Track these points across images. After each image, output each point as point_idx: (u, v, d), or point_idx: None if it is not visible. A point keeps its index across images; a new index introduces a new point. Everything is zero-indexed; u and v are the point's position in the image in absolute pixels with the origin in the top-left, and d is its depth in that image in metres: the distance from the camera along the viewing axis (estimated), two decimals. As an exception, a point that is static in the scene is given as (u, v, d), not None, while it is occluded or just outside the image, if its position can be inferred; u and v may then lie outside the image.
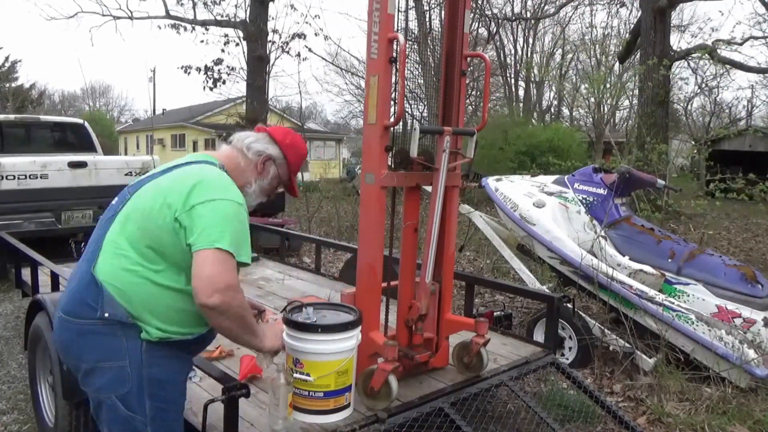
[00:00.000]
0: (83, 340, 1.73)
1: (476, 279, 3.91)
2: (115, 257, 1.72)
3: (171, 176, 1.81)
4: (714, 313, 3.67)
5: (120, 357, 1.70)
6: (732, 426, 3.12)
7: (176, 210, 1.68)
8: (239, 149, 1.96)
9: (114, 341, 1.71)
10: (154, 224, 1.70)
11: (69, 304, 1.77)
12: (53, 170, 5.87)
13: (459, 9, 2.58)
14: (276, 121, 21.54)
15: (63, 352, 1.82)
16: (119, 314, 1.70)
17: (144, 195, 1.78)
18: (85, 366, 1.74)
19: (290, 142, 2.02)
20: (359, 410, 2.32)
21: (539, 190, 4.71)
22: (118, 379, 1.71)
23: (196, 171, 1.81)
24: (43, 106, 35.56)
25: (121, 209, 1.79)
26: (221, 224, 1.66)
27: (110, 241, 1.75)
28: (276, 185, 2.04)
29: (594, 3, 23.29)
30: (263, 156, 1.96)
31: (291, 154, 2.02)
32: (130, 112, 50.10)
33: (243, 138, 1.98)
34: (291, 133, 2.08)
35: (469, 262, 7.79)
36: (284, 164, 2.01)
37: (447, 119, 2.64)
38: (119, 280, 1.70)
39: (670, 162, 8.00)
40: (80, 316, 1.73)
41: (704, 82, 21.52)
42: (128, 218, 1.75)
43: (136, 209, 1.75)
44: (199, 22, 15.54)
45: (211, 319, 1.68)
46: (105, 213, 1.86)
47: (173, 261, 1.72)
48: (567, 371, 3.02)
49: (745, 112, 28.03)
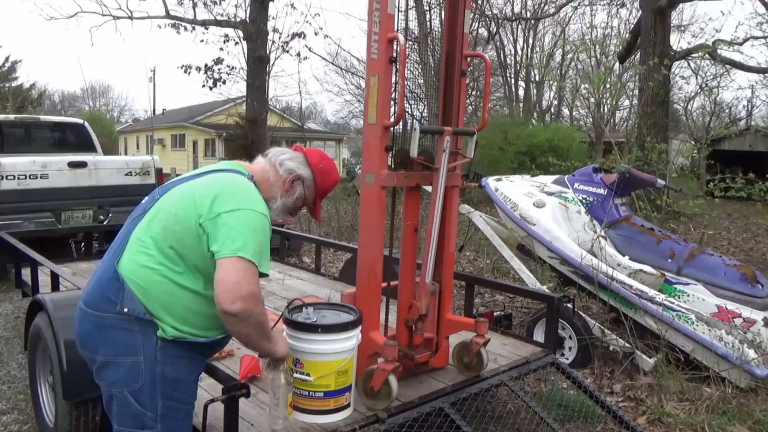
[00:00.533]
0: (101, 333, 1.76)
1: (476, 279, 3.91)
2: (139, 254, 1.76)
3: (200, 181, 1.86)
4: (714, 313, 3.67)
5: (135, 353, 1.73)
6: (732, 426, 3.12)
7: (201, 215, 1.72)
8: (272, 163, 2.00)
9: (130, 336, 1.73)
10: (179, 226, 1.74)
11: (90, 296, 1.81)
12: (53, 170, 5.87)
13: (459, 9, 2.58)
14: (276, 121, 21.54)
15: (81, 344, 1.85)
16: (137, 310, 1.73)
17: (172, 197, 1.83)
18: (101, 359, 1.77)
19: (323, 167, 2.06)
20: (359, 410, 2.32)
21: (539, 190, 4.71)
22: (131, 375, 1.73)
23: (224, 179, 1.85)
24: (43, 106, 35.58)
25: (149, 208, 1.84)
26: (245, 234, 1.69)
27: (136, 238, 1.79)
28: (300, 206, 2.07)
29: (594, 3, 23.30)
30: (293, 175, 2.00)
31: (321, 179, 2.05)
32: (130, 112, 50.19)
33: (279, 153, 2.03)
34: (327, 158, 2.10)
35: (469, 262, 7.79)
36: (312, 187, 2.04)
37: (447, 119, 2.64)
38: (140, 276, 1.74)
39: (670, 162, 7.99)
40: (100, 309, 1.76)
41: (704, 82, 21.51)
42: (155, 218, 1.79)
43: (163, 210, 1.80)
44: (199, 22, 15.54)
45: (231, 326, 1.70)
46: (134, 211, 1.91)
47: (193, 264, 1.76)
48: (567, 371, 3.02)
49: (745, 112, 28.04)
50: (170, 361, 1.76)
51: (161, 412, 1.76)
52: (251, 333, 1.74)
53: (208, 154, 27.42)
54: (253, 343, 1.83)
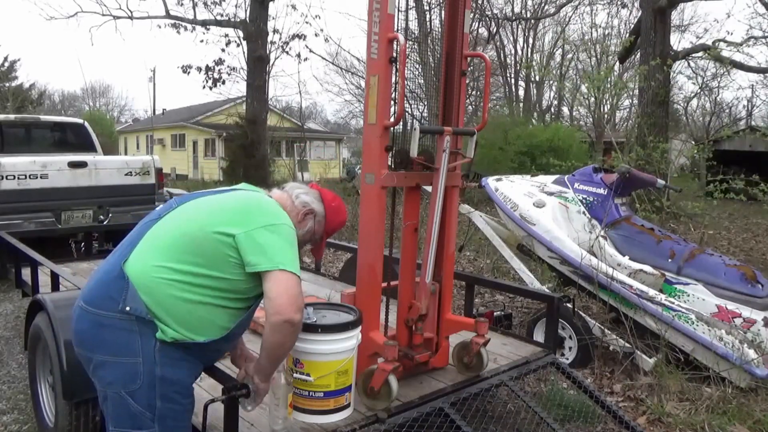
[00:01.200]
0: (99, 332, 1.76)
1: (476, 279, 3.91)
2: (150, 257, 1.77)
3: (228, 196, 1.93)
4: (714, 313, 3.67)
5: (133, 354, 1.73)
6: (732, 426, 3.12)
7: (235, 227, 1.77)
8: (289, 195, 2.08)
9: (129, 337, 1.73)
10: (201, 234, 1.77)
11: (91, 294, 1.81)
12: (53, 170, 5.87)
13: (459, 9, 2.58)
14: (276, 121, 21.52)
15: (78, 342, 1.84)
16: (139, 310, 1.73)
17: (195, 207, 1.88)
18: (98, 358, 1.77)
19: (335, 206, 2.16)
20: (359, 410, 2.32)
21: (539, 190, 4.71)
22: (129, 375, 1.73)
23: (254, 196, 1.95)
24: (43, 106, 35.57)
25: (164, 215, 1.87)
26: (290, 249, 1.81)
27: (148, 241, 1.81)
28: (308, 240, 2.12)
29: (594, 3, 23.31)
30: (307, 207, 2.07)
31: (332, 216, 2.14)
32: (130, 112, 50.19)
33: (295, 187, 2.12)
34: (338, 199, 2.21)
35: (469, 262, 7.79)
36: (322, 223, 2.12)
37: (447, 119, 2.64)
38: (147, 278, 1.75)
39: (670, 162, 7.99)
40: (101, 307, 1.76)
41: (704, 82, 21.51)
42: (172, 224, 1.83)
43: (184, 218, 1.84)
44: (199, 22, 15.56)
45: (283, 335, 1.77)
46: (146, 217, 1.94)
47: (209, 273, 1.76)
48: (567, 371, 3.02)
49: (745, 112, 28.04)
50: (169, 362, 1.76)
51: (160, 414, 1.75)
52: (290, 347, 1.87)
53: (208, 154, 27.41)
54: (279, 357, 1.88)
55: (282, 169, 19.77)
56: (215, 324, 1.80)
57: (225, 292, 1.80)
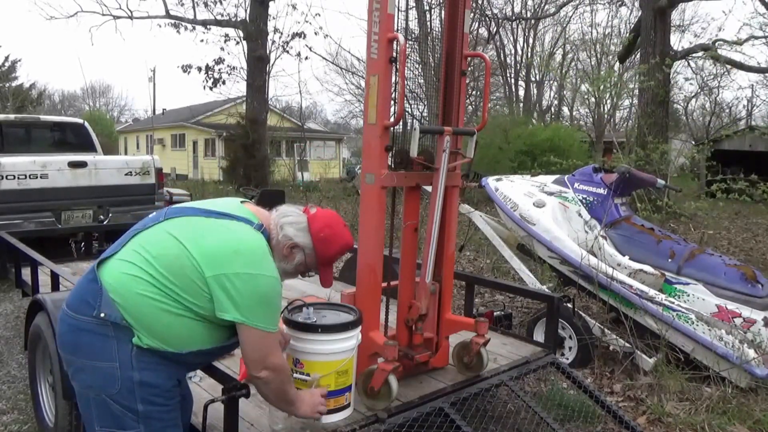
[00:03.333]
0: (77, 337, 1.75)
1: (476, 279, 3.91)
2: (129, 266, 1.75)
3: (215, 227, 1.80)
4: (714, 312, 3.67)
5: (110, 358, 1.71)
6: (732, 426, 3.12)
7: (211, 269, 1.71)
8: (276, 224, 1.91)
9: (106, 342, 1.72)
10: (180, 261, 1.72)
11: (71, 299, 1.82)
12: (53, 170, 5.87)
13: (459, 9, 2.58)
14: (276, 121, 21.50)
15: (60, 345, 1.85)
16: (114, 315, 1.71)
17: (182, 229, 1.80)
18: (77, 362, 1.76)
19: (324, 236, 1.92)
20: (359, 410, 2.32)
21: (539, 189, 4.71)
22: (107, 380, 1.72)
23: (239, 232, 1.80)
24: (43, 105, 35.57)
25: (150, 226, 1.84)
26: (267, 304, 1.75)
27: (131, 249, 1.79)
28: (302, 271, 1.98)
29: (594, 3, 23.31)
30: (290, 242, 1.89)
31: (321, 249, 1.92)
32: (130, 112, 50.18)
33: (282, 215, 1.93)
34: (332, 226, 1.95)
35: (469, 262, 7.79)
36: (312, 255, 1.93)
37: (447, 119, 2.64)
38: (123, 286, 1.72)
39: (670, 162, 7.99)
40: (78, 311, 1.76)
41: (704, 82, 21.53)
42: (156, 239, 1.80)
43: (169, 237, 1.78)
44: (199, 22, 15.56)
45: (260, 389, 1.87)
46: (137, 224, 1.91)
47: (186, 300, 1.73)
48: (567, 371, 3.02)
49: (745, 112, 28.04)
50: (147, 367, 1.73)
51: (143, 415, 1.74)
52: (273, 396, 1.91)
53: (208, 154, 27.41)
54: (274, 403, 1.97)
55: (282, 169, 19.79)
56: (194, 339, 1.77)
57: (202, 316, 1.76)
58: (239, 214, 1.86)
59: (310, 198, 11.09)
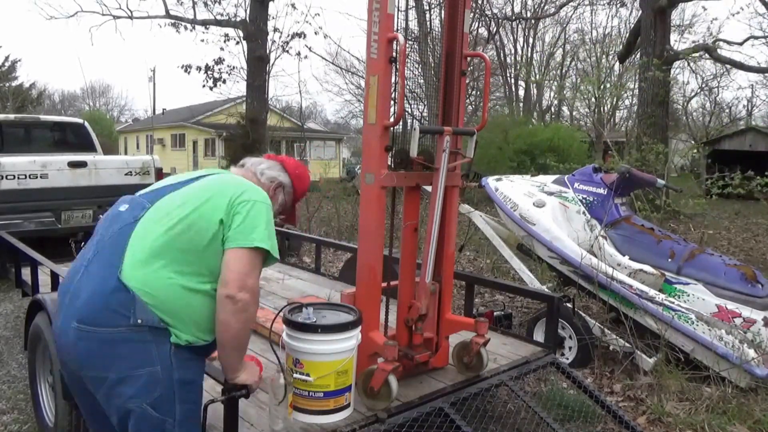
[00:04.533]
0: (113, 349, 1.69)
1: (476, 279, 3.91)
2: (147, 264, 1.72)
3: (206, 183, 1.87)
4: (714, 312, 3.67)
5: (151, 362, 1.70)
6: (732, 426, 3.12)
7: (221, 212, 1.76)
8: (253, 172, 2.03)
9: (145, 347, 1.70)
10: (194, 229, 1.74)
11: (89, 312, 1.71)
12: (53, 170, 5.87)
13: (459, 9, 2.58)
14: (276, 121, 21.51)
15: (83, 365, 1.73)
16: (152, 320, 1.69)
17: (174, 202, 1.81)
18: (115, 376, 1.70)
19: (299, 173, 2.14)
20: (359, 410, 2.32)
21: (539, 189, 4.71)
22: (150, 385, 1.70)
23: (229, 178, 1.91)
24: (43, 105, 35.58)
25: (141, 217, 1.80)
26: (261, 224, 1.77)
27: (138, 247, 1.74)
28: (279, 212, 2.11)
29: (594, 3, 23.31)
30: (275, 182, 2.05)
31: (298, 184, 2.13)
32: (130, 112, 50.21)
33: (257, 163, 2.07)
34: (300, 165, 2.19)
35: (469, 262, 7.79)
36: (291, 192, 2.12)
37: (447, 119, 2.64)
38: (152, 286, 1.70)
39: (669, 162, 7.99)
40: (108, 324, 1.69)
41: (704, 81, 21.54)
42: (158, 225, 1.76)
43: (169, 215, 1.77)
44: (199, 22, 15.55)
45: (227, 313, 1.72)
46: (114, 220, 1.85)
47: (207, 266, 1.75)
48: (567, 371, 3.02)
49: (745, 111, 28.05)
50: (184, 365, 1.75)
51: (180, 417, 1.75)
52: (239, 329, 1.76)
53: (208, 154, 27.40)
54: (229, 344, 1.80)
55: (282, 168, 19.73)
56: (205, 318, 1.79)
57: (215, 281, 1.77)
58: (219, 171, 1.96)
59: (309, 198, 11.07)
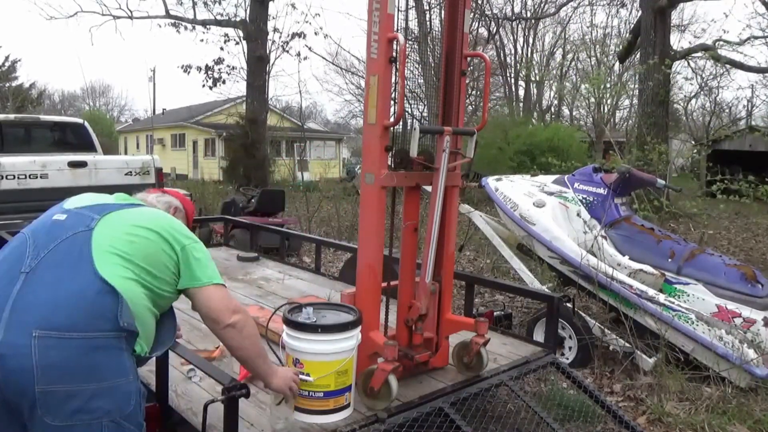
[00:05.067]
0: (90, 358, 1.57)
1: (476, 279, 3.91)
2: (118, 267, 1.68)
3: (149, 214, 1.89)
4: (714, 312, 3.67)
5: (125, 372, 1.64)
6: (732, 426, 3.12)
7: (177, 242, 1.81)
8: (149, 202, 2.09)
9: (120, 356, 1.63)
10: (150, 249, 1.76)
11: (64, 317, 1.57)
12: (53, 170, 5.87)
13: (459, 9, 2.58)
14: (276, 121, 21.51)
15: (54, 378, 1.53)
16: (132, 324, 1.65)
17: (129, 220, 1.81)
18: (94, 387, 1.57)
19: (181, 196, 2.26)
20: (359, 410, 2.32)
21: (539, 189, 4.71)
22: (125, 398, 1.64)
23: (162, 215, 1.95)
24: (43, 105, 35.55)
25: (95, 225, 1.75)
26: (210, 263, 1.87)
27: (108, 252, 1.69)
28: None
29: (594, 3, 23.32)
30: (172, 206, 2.16)
31: (186, 206, 2.25)
32: (130, 112, 50.17)
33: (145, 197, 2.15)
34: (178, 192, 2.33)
35: (469, 262, 7.79)
36: (184, 214, 2.21)
37: (447, 119, 2.64)
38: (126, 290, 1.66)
39: (670, 162, 8.00)
40: (91, 329, 1.58)
41: (704, 82, 21.53)
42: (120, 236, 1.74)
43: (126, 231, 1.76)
44: (199, 22, 15.57)
45: (232, 340, 1.84)
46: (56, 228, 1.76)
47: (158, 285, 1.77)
48: (567, 371, 3.02)
49: (745, 111, 28.04)
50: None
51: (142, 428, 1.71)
52: (249, 346, 1.88)
53: (208, 154, 27.40)
54: (251, 359, 1.92)
55: (282, 168, 19.78)
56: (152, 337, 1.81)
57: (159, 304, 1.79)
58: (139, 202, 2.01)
59: (310, 198, 11.08)
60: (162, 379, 2.29)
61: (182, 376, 2.53)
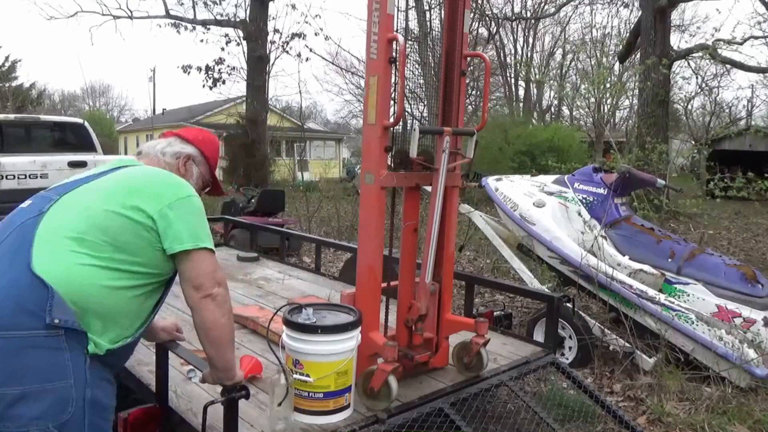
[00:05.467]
0: (18, 358, 1.45)
1: (476, 279, 3.91)
2: (64, 255, 1.54)
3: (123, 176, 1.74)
4: (714, 312, 3.67)
5: (64, 376, 1.49)
6: (732, 426, 3.12)
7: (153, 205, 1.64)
8: (153, 156, 1.89)
9: (58, 356, 1.49)
10: (113, 222, 1.60)
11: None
12: (53, 170, 5.89)
13: (459, 9, 2.58)
14: (276, 121, 21.54)
15: None
16: (69, 320, 1.50)
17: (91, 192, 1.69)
18: (17, 391, 1.44)
19: (202, 138, 1.99)
20: (359, 411, 2.32)
21: (539, 189, 4.71)
22: (60, 404, 1.48)
23: (147, 170, 1.79)
24: (43, 105, 35.51)
25: (48, 208, 1.64)
26: (199, 223, 1.71)
27: (48, 238, 1.56)
28: (202, 186, 1.99)
29: (594, 3, 23.31)
30: (182, 156, 1.91)
31: (207, 149, 1.98)
32: (130, 112, 50.13)
33: (153, 146, 1.93)
34: (201, 130, 2.06)
35: (469, 262, 7.79)
36: (203, 161, 1.97)
37: (447, 119, 2.64)
38: (73, 278, 1.52)
39: (670, 162, 7.99)
40: (17, 327, 1.46)
41: (704, 81, 21.54)
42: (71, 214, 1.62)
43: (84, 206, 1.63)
44: (199, 22, 15.57)
45: (209, 312, 1.67)
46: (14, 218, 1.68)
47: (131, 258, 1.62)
48: (567, 371, 3.02)
49: (745, 111, 28.05)
50: (99, 384, 1.58)
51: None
52: (223, 326, 1.71)
53: (208, 154, 27.39)
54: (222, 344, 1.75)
55: (282, 168, 19.79)
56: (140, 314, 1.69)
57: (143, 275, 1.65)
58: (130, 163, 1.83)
59: (309, 198, 11.08)
60: (162, 380, 2.29)
61: (182, 377, 2.53)
